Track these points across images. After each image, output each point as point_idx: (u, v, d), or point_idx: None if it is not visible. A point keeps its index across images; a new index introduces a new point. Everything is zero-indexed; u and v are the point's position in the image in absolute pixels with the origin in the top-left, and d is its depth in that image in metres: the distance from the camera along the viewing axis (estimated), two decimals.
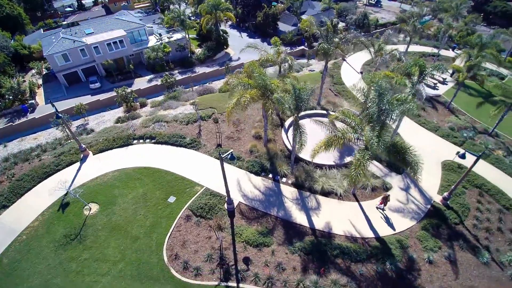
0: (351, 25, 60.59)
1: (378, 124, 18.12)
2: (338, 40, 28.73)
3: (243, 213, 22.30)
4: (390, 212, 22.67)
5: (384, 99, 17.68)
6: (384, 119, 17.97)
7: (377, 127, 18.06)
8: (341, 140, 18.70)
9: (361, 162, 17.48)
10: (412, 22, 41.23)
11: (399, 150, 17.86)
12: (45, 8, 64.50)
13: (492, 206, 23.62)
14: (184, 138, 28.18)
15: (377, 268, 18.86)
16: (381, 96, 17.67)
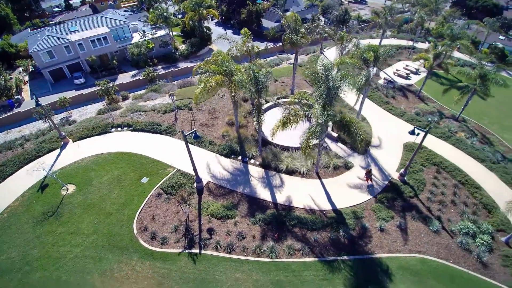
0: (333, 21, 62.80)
1: (327, 101, 20.00)
2: (304, 31, 30.71)
3: (211, 191, 24.12)
4: (349, 188, 24.55)
5: (330, 78, 19.59)
6: (332, 96, 19.82)
7: (326, 103, 19.94)
8: (295, 118, 20.55)
9: (312, 132, 19.37)
10: (383, 15, 43.32)
11: (345, 123, 19.76)
12: (32, 8, 66.54)
13: (448, 182, 25.54)
14: (160, 126, 30.02)
15: (331, 235, 20.69)
16: (327, 76, 19.57)
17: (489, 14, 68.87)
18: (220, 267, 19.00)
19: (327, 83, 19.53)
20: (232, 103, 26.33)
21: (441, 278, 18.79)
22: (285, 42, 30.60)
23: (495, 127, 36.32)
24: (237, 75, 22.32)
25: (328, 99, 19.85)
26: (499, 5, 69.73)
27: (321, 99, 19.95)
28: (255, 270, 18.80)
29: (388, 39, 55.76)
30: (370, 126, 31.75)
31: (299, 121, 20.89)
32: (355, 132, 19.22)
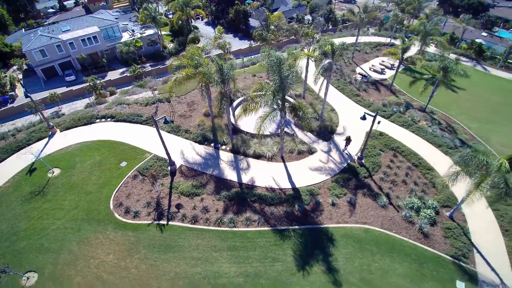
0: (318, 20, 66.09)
1: (280, 89, 22.85)
2: (273, 28, 33.74)
3: (183, 173, 27.05)
4: (310, 170, 27.36)
5: (282, 68, 22.45)
6: (285, 85, 22.64)
7: (280, 92, 22.82)
8: (254, 106, 23.43)
9: (267, 116, 22.25)
10: (357, 13, 46.24)
11: (297, 107, 22.60)
12: (27, 9, 70.24)
13: (403, 164, 28.28)
14: (141, 117, 33.06)
15: (286, 209, 23.51)
16: (279, 67, 22.43)
17: (475, 12, 71.72)
18: (184, 235, 21.87)
19: (280, 73, 22.39)
20: (200, 93, 29.24)
21: (382, 245, 21.47)
22: (256, 38, 33.55)
23: (462, 117, 39.01)
24: (204, 67, 25.28)
25: (281, 87, 22.68)
26: (484, 3, 72.38)
27: (276, 88, 22.79)
28: (215, 238, 21.65)
29: (369, 36, 58.72)
30: (338, 116, 34.59)
31: (258, 108, 23.76)
32: (303, 116, 22.05)
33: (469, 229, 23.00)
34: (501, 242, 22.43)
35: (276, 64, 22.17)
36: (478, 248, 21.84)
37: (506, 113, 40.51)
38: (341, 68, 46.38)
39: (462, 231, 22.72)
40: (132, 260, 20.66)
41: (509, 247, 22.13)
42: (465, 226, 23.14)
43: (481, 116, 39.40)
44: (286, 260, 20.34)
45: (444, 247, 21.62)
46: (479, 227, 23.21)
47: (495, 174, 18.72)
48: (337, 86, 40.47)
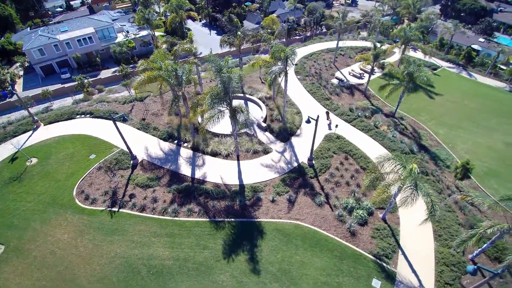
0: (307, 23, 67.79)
1: (224, 92, 25.28)
2: (240, 34, 36.11)
3: (144, 166, 30.01)
4: (261, 168, 29.62)
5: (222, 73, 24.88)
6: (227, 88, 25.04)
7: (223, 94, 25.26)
8: (201, 108, 25.94)
9: (211, 117, 24.76)
10: (335, 19, 47.73)
11: (236, 110, 24.95)
12: (36, 8, 75.95)
13: (351, 167, 30.02)
14: (116, 114, 36.30)
15: (228, 203, 25.93)
16: (220, 72, 24.87)
17: (477, 17, 71.06)
18: (130, 221, 24.79)
19: (221, 78, 24.82)
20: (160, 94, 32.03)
21: (308, 240, 23.50)
22: (222, 42, 36.07)
23: (432, 123, 40.00)
24: (163, 71, 28.11)
25: (225, 91, 25.10)
26: (487, 8, 71.47)
27: (218, 91, 25.24)
28: (156, 225, 24.43)
29: (357, 41, 59.87)
30: (301, 119, 36.53)
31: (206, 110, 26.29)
32: (243, 118, 24.38)
33: (400, 232, 24.55)
34: (431, 247, 23.81)
35: (217, 70, 24.61)
36: (404, 251, 23.37)
37: (478, 119, 41.10)
38: (320, 72, 48.10)
39: (391, 233, 24.31)
40: (82, 240, 23.80)
41: (438, 252, 23.46)
42: (396, 228, 24.71)
43: (451, 122, 40.20)
44: (215, 248, 22.79)
45: (369, 246, 23.33)
46: (411, 231, 24.66)
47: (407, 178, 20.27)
48: (309, 89, 42.32)
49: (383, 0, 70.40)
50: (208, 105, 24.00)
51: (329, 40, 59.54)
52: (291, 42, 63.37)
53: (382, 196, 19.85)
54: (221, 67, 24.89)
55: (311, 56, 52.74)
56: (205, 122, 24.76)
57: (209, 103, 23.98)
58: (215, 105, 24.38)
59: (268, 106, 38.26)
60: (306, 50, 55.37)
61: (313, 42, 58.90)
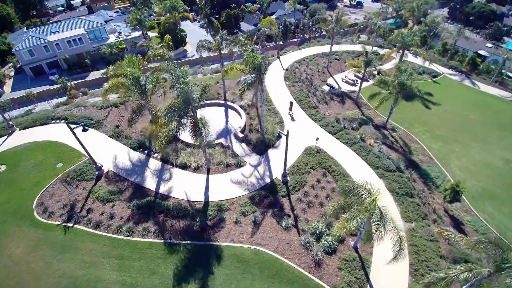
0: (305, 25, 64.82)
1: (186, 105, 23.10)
2: (219, 38, 33.79)
3: (109, 178, 28.23)
4: (231, 184, 27.38)
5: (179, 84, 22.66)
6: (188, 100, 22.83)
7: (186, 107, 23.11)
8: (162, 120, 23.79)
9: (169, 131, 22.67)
10: (328, 22, 44.70)
11: (197, 123, 22.74)
12: (37, 7, 75.68)
13: (328, 185, 27.39)
14: (91, 120, 34.74)
15: (188, 222, 23.81)
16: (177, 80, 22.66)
17: (486, 21, 66.40)
18: (83, 239, 23.07)
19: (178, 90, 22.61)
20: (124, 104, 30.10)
21: (267, 269, 21.13)
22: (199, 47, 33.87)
23: (425, 136, 36.84)
24: (126, 78, 26.15)
25: (185, 103, 22.90)
26: (497, 11, 66.66)
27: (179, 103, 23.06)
28: (108, 244, 22.58)
29: (356, 45, 56.52)
30: (283, 129, 33.95)
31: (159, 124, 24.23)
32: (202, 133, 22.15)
33: (371, 263, 21.89)
34: (405, 282, 21.10)
35: (175, 81, 22.44)
36: (373, 286, 20.74)
37: (477, 132, 37.68)
38: (311, 78, 45.34)
39: (361, 264, 21.69)
40: (35, 255, 22.29)
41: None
42: (368, 259, 22.08)
43: (447, 135, 36.94)
44: (166, 274, 20.75)
45: (334, 279, 20.79)
46: (385, 263, 21.87)
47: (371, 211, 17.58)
48: (296, 97, 39.67)
49: (387, 3, 66.54)
50: (163, 119, 21.85)
51: (325, 43, 56.47)
52: (287, 45, 60.60)
53: (343, 232, 17.17)
54: (178, 77, 22.67)
55: (304, 60, 49.95)
56: (162, 137, 22.62)
57: (165, 117, 21.82)
58: (172, 119, 22.19)
59: (249, 114, 35.90)
60: (300, 54, 52.60)
61: (309, 46, 56.01)
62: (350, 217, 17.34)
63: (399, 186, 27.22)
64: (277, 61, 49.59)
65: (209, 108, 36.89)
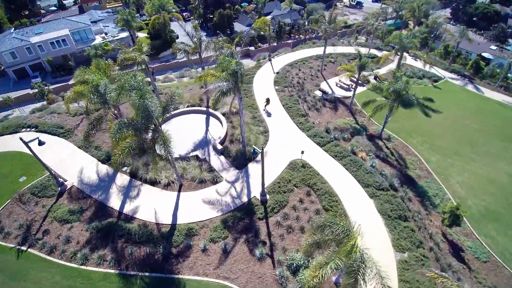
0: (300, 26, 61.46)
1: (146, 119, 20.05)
2: (196, 41, 30.68)
3: (71, 195, 25.38)
4: (203, 203, 24.30)
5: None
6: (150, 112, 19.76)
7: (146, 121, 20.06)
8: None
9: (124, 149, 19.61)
10: (320, 23, 41.21)
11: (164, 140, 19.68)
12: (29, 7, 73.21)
13: (312, 206, 24.16)
14: (61, 128, 31.94)
15: (150, 250, 20.80)
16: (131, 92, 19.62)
17: (490, 22, 62.28)
18: (34, 265, 20.44)
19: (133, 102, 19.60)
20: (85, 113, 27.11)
21: None
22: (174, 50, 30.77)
23: (424, 147, 33.35)
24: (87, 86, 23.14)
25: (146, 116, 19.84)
26: (501, 12, 62.44)
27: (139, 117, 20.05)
28: (60, 273, 19.80)
29: (353, 46, 52.88)
30: (268, 139, 30.78)
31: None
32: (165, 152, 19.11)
33: None
34: None
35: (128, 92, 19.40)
36: None
37: (480, 144, 34.08)
38: (303, 83, 41.97)
39: None
40: None
41: None
42: None
43: (447, 147, 33.39)
44: None
45: None
46: None
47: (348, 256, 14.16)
48: (284, 103, 36.38)
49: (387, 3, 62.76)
50: (113, 136, 18.83)
51: (320, 45, 52.73)
52: (281, 46, 57.22)
53: (314, 282, 13.80)
54: (132, 88, 19.59)
55: (297, 63, 46.54)
56: (117, 155, 19.51)
57: (115, 135, 18.77)
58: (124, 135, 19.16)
59: (232, 123, 32.71)
60: (293, 56, 49.21)
61: (303, 48, 52.57)
62: (323, 262, 14.08)
63: (391, 208, 23.90)
64: (268, 64, 46.28)
65: (189, 116, 33.83)
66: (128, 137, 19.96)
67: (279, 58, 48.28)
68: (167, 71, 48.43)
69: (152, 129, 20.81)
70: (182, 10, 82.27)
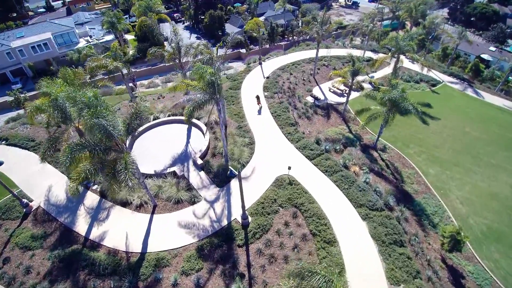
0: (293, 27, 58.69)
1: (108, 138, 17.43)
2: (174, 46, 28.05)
3: (36, 217, 22.85)
4: (179, 227, 21.74)
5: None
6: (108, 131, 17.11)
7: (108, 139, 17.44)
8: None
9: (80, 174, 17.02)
10: (310, 25, 38.41)
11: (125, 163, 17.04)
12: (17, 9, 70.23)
13: (298, 230, 21.61)
14: (32, 141, 29.30)
15: (113, 284, 18.24)
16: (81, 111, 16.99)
17: (488, 22, 59.41)
18: None
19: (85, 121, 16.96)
20: None
21: None
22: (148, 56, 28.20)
23: (422, 158, 30.72)
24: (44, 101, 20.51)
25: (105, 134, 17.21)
26: (499, 12, 59.57)
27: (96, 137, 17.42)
28: None
29: (347, 49, 50.10)
30: (254, 152, 28.14)
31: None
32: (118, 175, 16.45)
33: None
34: None
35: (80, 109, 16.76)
36: None
37: (481, 153, 31.49)
38: (295, 88, 39.27)
39: None
40: None
41: None
42: None
43: (446, 157, 30.79)
44: None
45: None
46: None
47: None
48: (273, 111, 33.70)
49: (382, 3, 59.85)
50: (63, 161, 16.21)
51: (314, 47, 49.89)
52: (273, 48, 54.39)
53: None
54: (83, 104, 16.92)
55: (288, 67, 43.79)
56: (73, 179, 16.89)
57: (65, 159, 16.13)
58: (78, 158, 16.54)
59: (216, 134, 30.06)
60: (284, 60, 46.40)
61: (295, 50, 49.73)
62: None
63: (386, 232, 21.34)
64: (259, 68, 43.53)
65: (169, 126, 31.15)
66: (84, 160, 17.31)
67: (270, 62, 45.52)
68: (153, 76, 45.65)
69: (115, 150, 18.14)
70: (174, 10, 79.46)
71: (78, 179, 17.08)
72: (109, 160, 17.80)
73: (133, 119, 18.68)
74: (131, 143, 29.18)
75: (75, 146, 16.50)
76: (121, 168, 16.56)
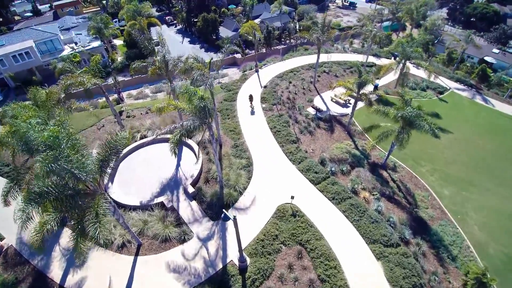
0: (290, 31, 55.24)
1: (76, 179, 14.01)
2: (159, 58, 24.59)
3: (7, 259, 19.75)
4: (167, 272, 18.46)
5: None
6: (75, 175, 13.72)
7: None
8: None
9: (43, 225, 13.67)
10: (312, 29, 34.99)
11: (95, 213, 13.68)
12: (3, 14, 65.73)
13: (304, 275, 18.42)
14: (7, 166, 25.69)
15: None
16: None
17: (489, 23, 56.36)
18: None
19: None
20: None
21: None
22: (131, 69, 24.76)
23: (435, 177, 27.71)
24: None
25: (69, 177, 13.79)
26: (500, 12, 56.55)
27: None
28: None
29: (348, 53, 46.79)
30: (252, 175, 24.84)
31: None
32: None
33: None
34: None
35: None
36: None
37: (495, 169, 28.49)
38: (294, 98, 35.92)
39: None
40: None
41: None
42: None
43: (460, 175, 27.87)
44: None
45: None
46: None
47: None
48: (272, 126, 30.38)
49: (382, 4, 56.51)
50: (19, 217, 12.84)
51: (313, 52, 46.72)
52: (270, 53, 50.88)
53: None
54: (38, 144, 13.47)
55: (287, 74, 40.42)
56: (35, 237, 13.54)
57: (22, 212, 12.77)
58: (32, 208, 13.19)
59: (209, 154, 26.68)
60: (282, 66, 43.07)
61: (293, 56, 46.31)
62: None
63: (404, 274, 18.26)
64: (255, 76, 40.09)
65: (157, 146, 27.66)
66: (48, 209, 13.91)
67: (267, 69, 42.11)
68: (142, 85, 41.94)
69: (86, 193, 14.72)
70: (166, 13, 75.31)
71: (41, 232, 13.73)
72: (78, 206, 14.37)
73: (108, 154, 15.22)
74: (117, 166, 25.77)
75: (33, 194, 13.06)
76: (91, 218, 13.16)
